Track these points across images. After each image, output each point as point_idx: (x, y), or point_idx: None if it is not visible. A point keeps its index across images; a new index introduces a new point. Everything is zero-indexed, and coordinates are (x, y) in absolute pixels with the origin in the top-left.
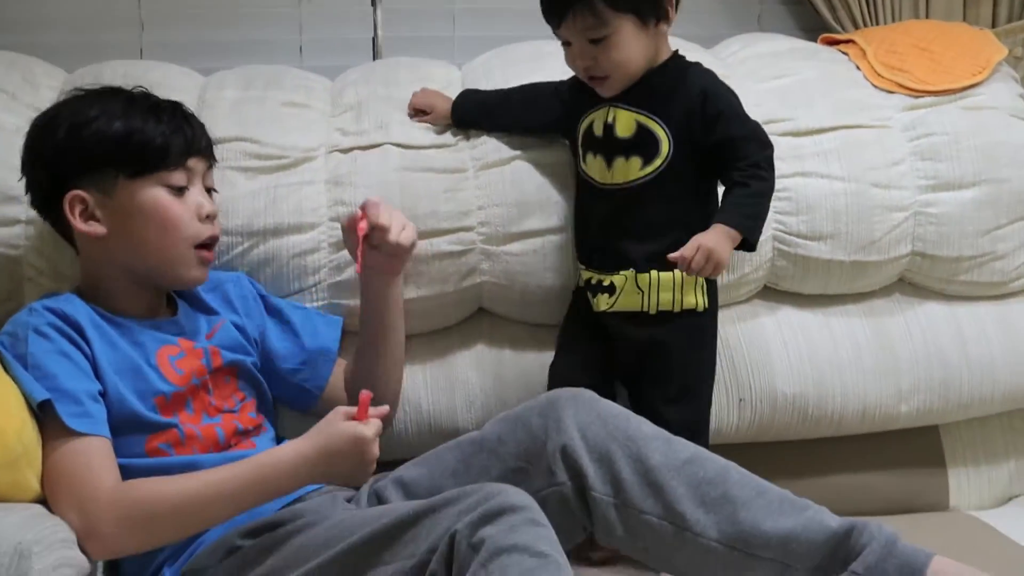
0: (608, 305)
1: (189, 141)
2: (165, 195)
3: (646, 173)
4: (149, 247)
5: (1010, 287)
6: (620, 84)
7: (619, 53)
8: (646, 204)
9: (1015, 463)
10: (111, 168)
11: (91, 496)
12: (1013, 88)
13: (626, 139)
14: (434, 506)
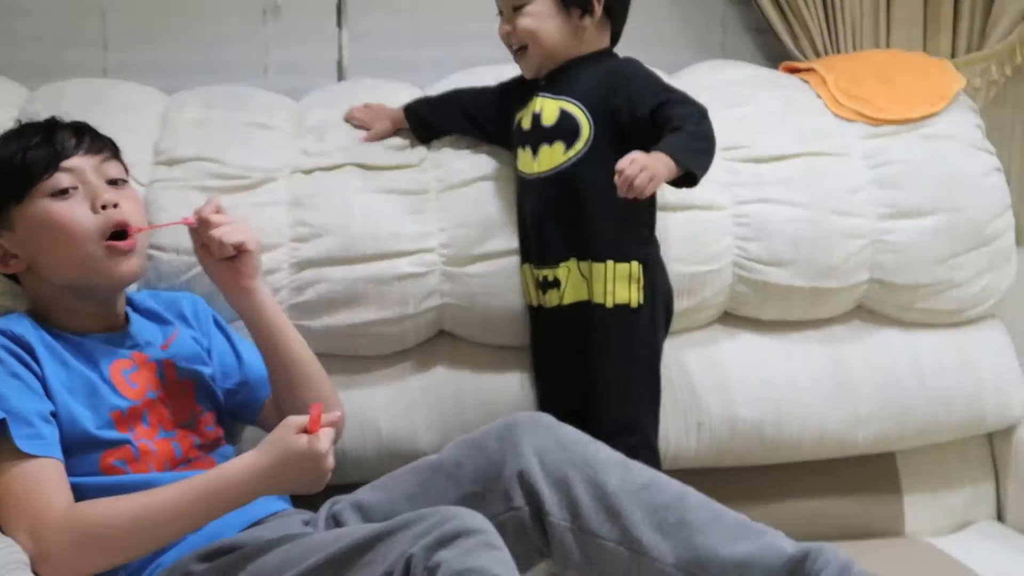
0: (559, 300)
1: (58, 147)
2: (50, 203)
3: (568, 157)
4: (60, 257)
5: (967, 315)
6: (537, 60)
7: (533, 23)
8: (573, 188)
9: (970, 490)
10: (5, 204)
11: (43, 519)
12: (971, 118)
13: (550, 127)
14: (390, 529)
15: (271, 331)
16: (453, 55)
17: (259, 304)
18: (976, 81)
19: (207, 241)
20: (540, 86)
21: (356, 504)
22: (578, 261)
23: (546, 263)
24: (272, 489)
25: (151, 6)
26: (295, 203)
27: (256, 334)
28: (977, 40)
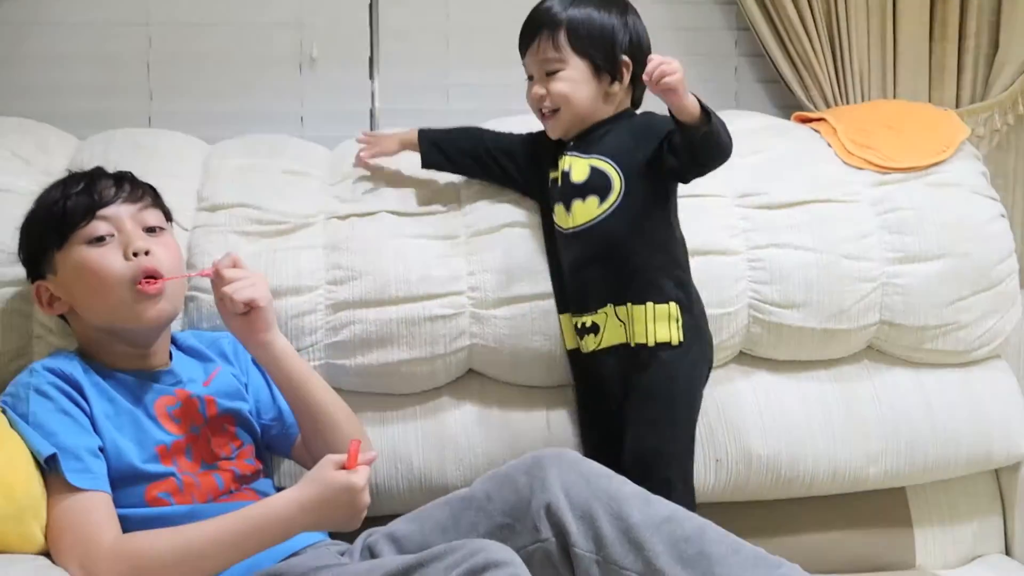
0: (596, 344)
1: (97, 196)
2: (87, 249)
3: (603, 210)
4: (94, 301)
5: (973, 355)
6: (566, 123)
7: (568, 87)
8: (609, 239)
9: (978, 524)
10: (44, 248)
11: (93, 550)
12: (975, 166)
13: (581, 183)
14: (422, 561)
15: (291, 380)
16: (480, 106)
17: (276, 356)
18: (980, 130)
19: (221, 296)
20: (568, 146)
21: (390, 535)
22: (615, 307)
23: (585, 310)
24: (312, 524)
25: (194, 59)
26: (331, 247)
27: (278, 383)
28: (981, 90)
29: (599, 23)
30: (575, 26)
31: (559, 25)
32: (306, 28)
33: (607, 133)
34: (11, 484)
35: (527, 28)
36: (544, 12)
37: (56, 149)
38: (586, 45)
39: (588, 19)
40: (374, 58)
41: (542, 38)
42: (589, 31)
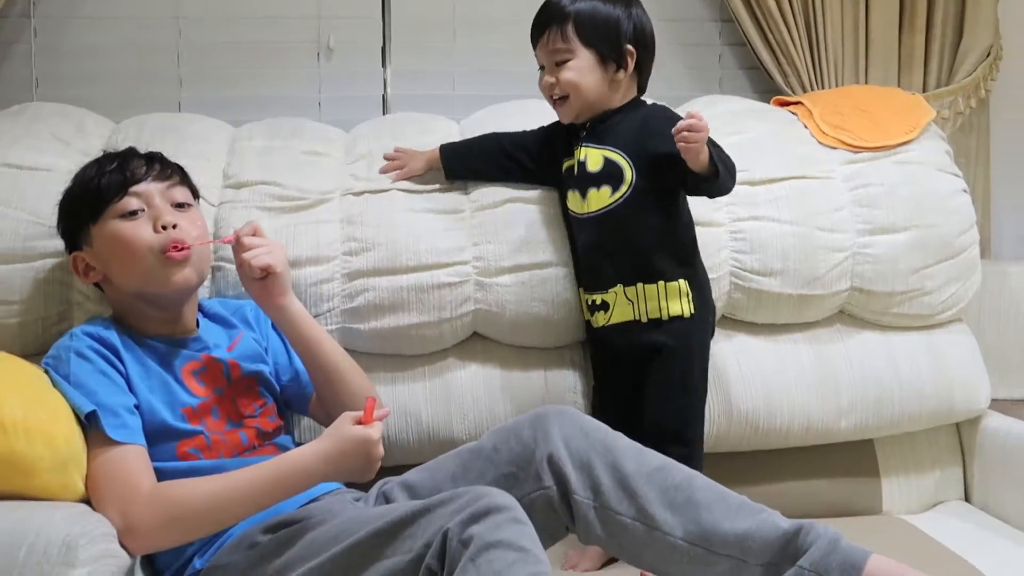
0: (606, 320)
1: (129, 174)
2: (120, 222)
3: (616, 199)
4: (126, 269)
5: (936, 319)
6: (576, 109)
7: (576, 76)
8: (620, 225)
9: (940, 473)
10: (81, 222)
11: (130, 498)
12: (940, 145)
13: (596, 172)
14: (429, 506)
15: (305, 340)
16: (485, 91)
17: (291, 318)
18: (945, 112)
19: (240, 262)
20: (582, 137)
21: (404, 483)
22: (624, 287)
23: (596, 289)
24: (332, 474)
25: (220, 49)
26: (347, 221)
27: (293, 343)
28: (946, 76)
29: (604, 15)
30: (581, 18)
31: (567, 18)
32: (324, 20)
33: (619, 124)
34: (54, 437)
35: (538, 21)
36: (553, 5)
37: (93, 132)
38: (592, 36)
39: (593, 11)
40: (386, 48)
41: (551, 30)
42: (594, 22)
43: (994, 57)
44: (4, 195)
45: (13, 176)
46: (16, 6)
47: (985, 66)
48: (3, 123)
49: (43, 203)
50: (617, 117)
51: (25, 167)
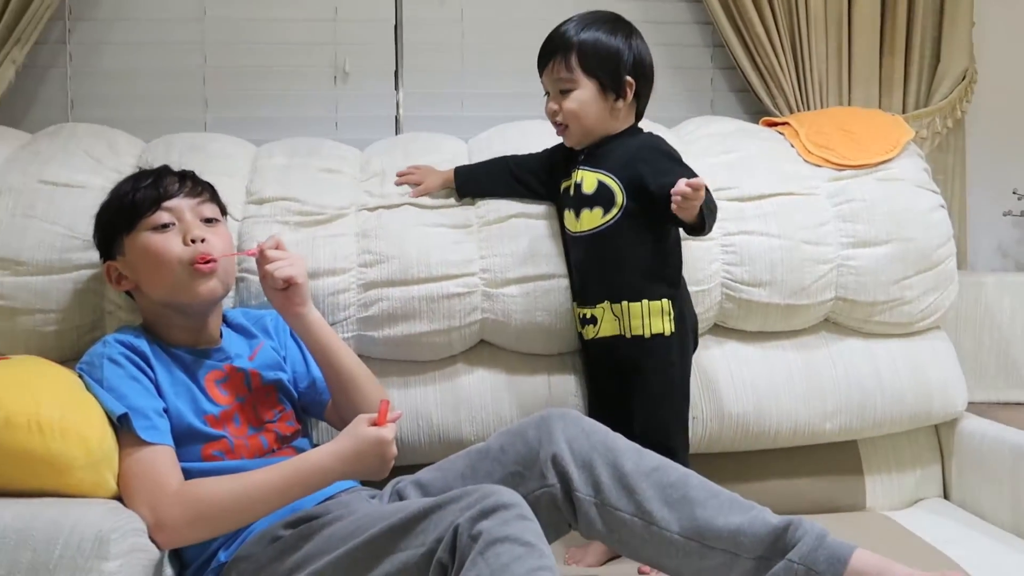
0: (595, 333)
1: (162, 189)
2: (151, 234)
3: (606, 220)
4: (156, 279)
5: (916, 327)
6: (577, 136)
7: (577, 106)
8: (609, 245)
9: (920, 472)
10: (116, 232)
11: (159, 495)
12: (918, 163)
13: (590, 194)
14: (440, 503)
15: (322, 347)
16: (492, 112)
17: (309, 326)
18: (923, 132)
19: (264, 273)
20: (580, 160)
21: (416, 482)
22: (611, 303)
23: (586, 304)
24: (348, 472)
25: (243, 73)
26: (362, 235)
27: (311, 349)
28: (924, 98)
29: (605, 46)
30: (585, 49)
31: (571, 48)
32: (340, 46)
33: (614, 151)
34: (88, 438)
35: (544, 50)
36: (559, 36)
37: (124, 150)
38: (594, 67)
39: (596, 43)
40: (398, 72)
41: (556, 60)
42: (597, 54)
43: (969, 80)
44: (41, 210)
45: (50, 192)
46: (53, 33)
47: (961, 89)
48: (40, 143)
49: (78, 217)
50: (615, 143)
51: (61, 183)
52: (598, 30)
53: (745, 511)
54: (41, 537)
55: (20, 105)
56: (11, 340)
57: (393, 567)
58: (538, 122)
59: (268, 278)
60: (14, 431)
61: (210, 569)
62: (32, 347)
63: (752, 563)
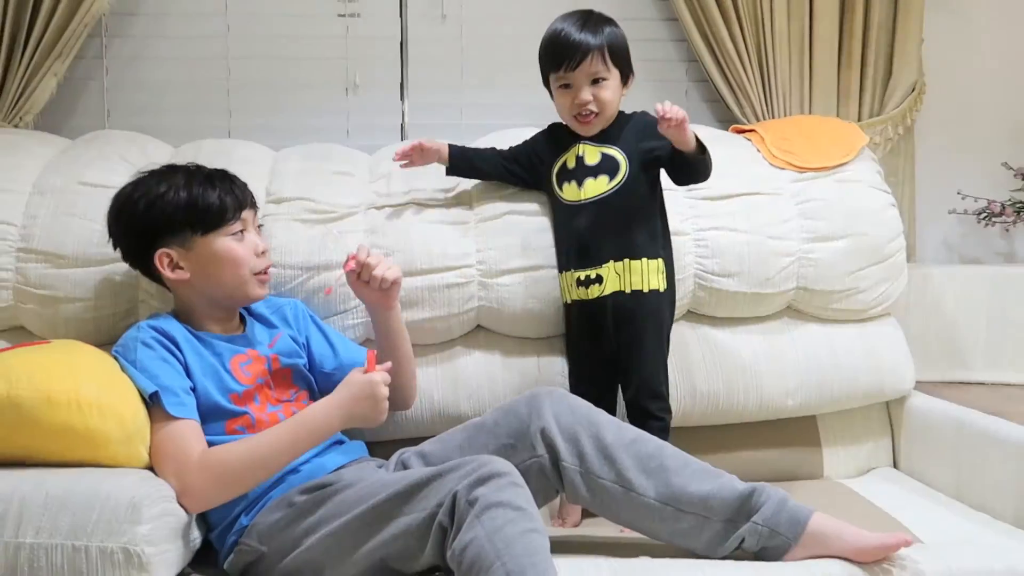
0: (600, 292)
1: (240, 199)
2: (231, 242)
3: (611, 186)
4: (225, 280)
5: (869, 314)
6: (602, 122)
7: (609, 94)
8: (615, 209)
9: (872, 444)
10: (188, 229)
11: (184, 463)
12: (872, 166)
13: (594, 165)
14: (440, 472)
15: (397, 340)
16: (489, 120)
17: (395, 317)
18: (876, 138)
19: (369, 279)
20: (582, 139)
21: (419, 453)
22: (615, 262)
23: (590, 265)
24: (345, 416)
25: (263, 86)
26: (371, 231)
27: (384, 340)
28: (877, 107)
29: (621, 41)
30: (612, 45)
31: (603, 45)
32: (351, 61)
33: (615, 130)
34: (122, 415)
35: (574, 48)
36: (587, 37)
37: (155, 155)
38: (618, 59)
39: (616, 38)
40: (404, 84)
41: (593, 56)
42: (619, 48)
43: (918, 92)
44: (81, 209)
45: (89, 193)
46: (91, 49)
47: (911, 99)
48: (79, 148)
49: None
50: (613, 125)
51: (99, 185)
52: (608, 26)
53: (715, 478)
54: (80, 503)
55: (61, 114)
56: (53, 326)
57: (398, 529)
58: (530, 129)
59: (375, 282)
60: (56, 409)
61: (233, 531)
62: (72, 332)
63: (721, 525)
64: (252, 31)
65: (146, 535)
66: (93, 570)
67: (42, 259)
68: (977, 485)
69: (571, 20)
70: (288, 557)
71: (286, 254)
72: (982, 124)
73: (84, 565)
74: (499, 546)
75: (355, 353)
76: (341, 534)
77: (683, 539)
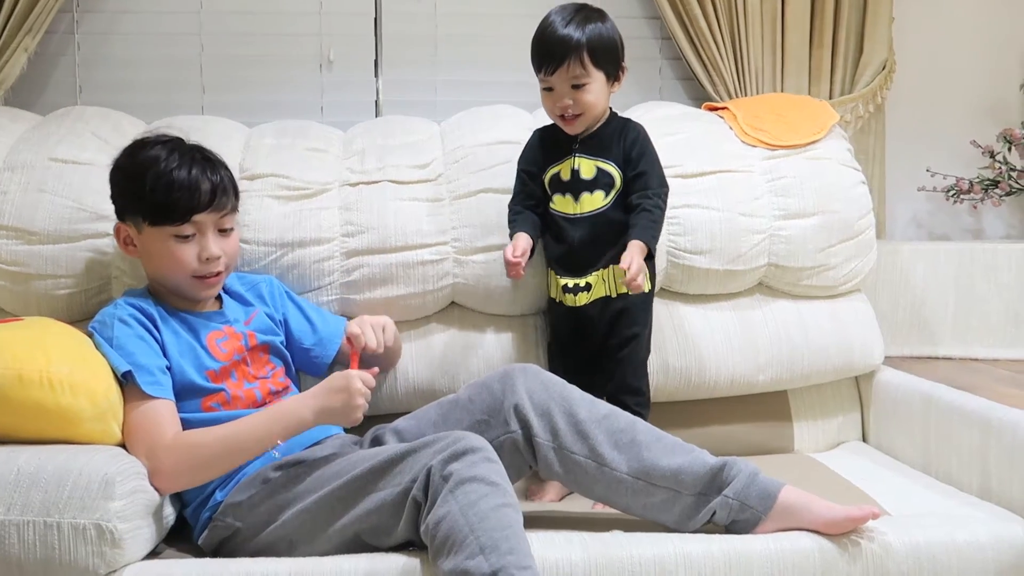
0: (588, 299)
1: (193, 204)
2: (173, 243)
3: (608, 201)
4: (161, 274)
5: (839, 290)
6: (586, 123)
7: (592, 96)
8: (610, 223)
9: (842, 418)
10: (139, 215)
11: (157, 443)
12: (842, 144)
13: (590, 180)
14: (415, 448)
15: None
16: (463, 97)
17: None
18: (847, 116)
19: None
20: (575, 149)
21: (394, 429)
22: (603, 270)
23: (581, 274)
24: (319, 409)
25: (237, 61)
26: (344, 208)
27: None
28: (848, 86)
29: (607, 39)
30: (594, 45)
31: (582, 47)
32: (325, 37)
33: (607, 140)
34: (94, 392)
35: (552, 52)
36: (565, 38)
37: (128, 131)
38: (603, 60)
39: (600, 36)
40: (378, 61)
41: (571, 60)
42: (604, 47)
43: (888, 70)
44: (52, 185)
45: (59, 169)
46: (62, 24)
47: (881, 77)
48: (51, 124)
49: (85, 192)
50: (604, 132)
51: (70, 161)
52: (593, 23)
53: (686, 453)
54: (51, 479)
55: (32, 90)
56: (25, 303)
57: (372, 504)
58: (504, 106)
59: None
60: (27, 387)
61: (207, 507)
62: (44, 309)
63: (692, 499)
64: (225, 7)
65: (119, 511)
66: (65, 547)
67: (13, 235)
68: (944, 458)
69: (557, 17)
70: (263, 533)
71: (259, 231)
72: (951, 103)
73: (56, 541)
74: (473, 520)
75: (334, 326)
76: (315, 510)
77: (655, 513)
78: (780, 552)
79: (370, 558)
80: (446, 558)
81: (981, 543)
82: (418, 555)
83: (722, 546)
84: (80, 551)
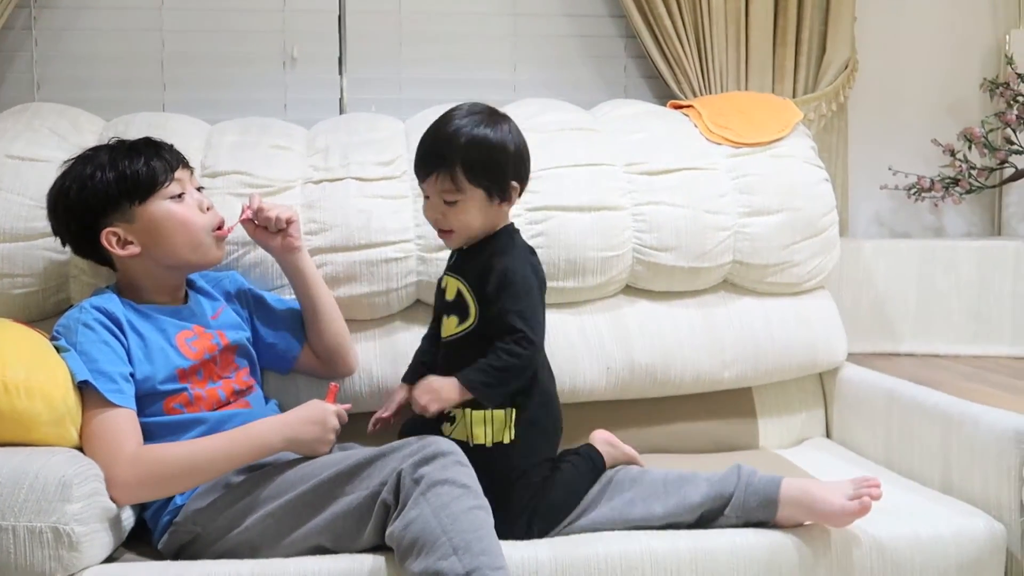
0: (449, 433)
1: (168, 161)
2: (170, 205)
3: (459, 331)
4: (178, 245)
5: (803, 287)
6: (461, 240)
7: (465, 216)
8: (461, 355)
9: (806, 414)
10: (124, 201)
11: (116, 455)
12: (806, 142)
13: (450, 301)
14: (384, 452)
15: (311, 281)
16: (427, 95)
17: (305, 259)
18: (811, 115)
19: (264, 223)
20: (450, 264)
21: None
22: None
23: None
24: (289, 436)
25: (198, 58)
26: (308, 205)
27: (299, 285)
28: (811, 84)
29: (488, 154)
30: (470, 162)
31: (455, 162)
32: (288, 34)
33: (477, 258)
34: (51, 396)
35: (425, 159)
36: (441, 144)
37: (87, 128)
38: (480, 177)
39: (479, 151)
40: (342, 58)
41: (440, 173)
42: (483, 163)
43: (851, 69)
44: (8, 183)
45: (15, 166)
46: (19, 19)
47: (844, 76)
48: (7, 121)
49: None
50: (481, 251)
51: (26, 158)
52: (478, 129)
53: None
54: (7, 482)
55: None
56: None
57: (340, 508)
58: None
59: (271, 224)
60: None
61: (167, 511)
62: (0, 309)
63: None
64: (187, 3)
65: (76, 514)
66: (21, 550)
67: None
68: (906, 453)
69: (445, 120)
70: (225, 538)
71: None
72: (912, 102)
73: (11, 545)
74: (445, 522)
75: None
76: (280, 514)
77: None
78: (746, 547)
79: (335, 559)
80: (416, 559)
81: (943, 537)
82: (384, 555)
83: (688, 543)
84: (37, 555)
